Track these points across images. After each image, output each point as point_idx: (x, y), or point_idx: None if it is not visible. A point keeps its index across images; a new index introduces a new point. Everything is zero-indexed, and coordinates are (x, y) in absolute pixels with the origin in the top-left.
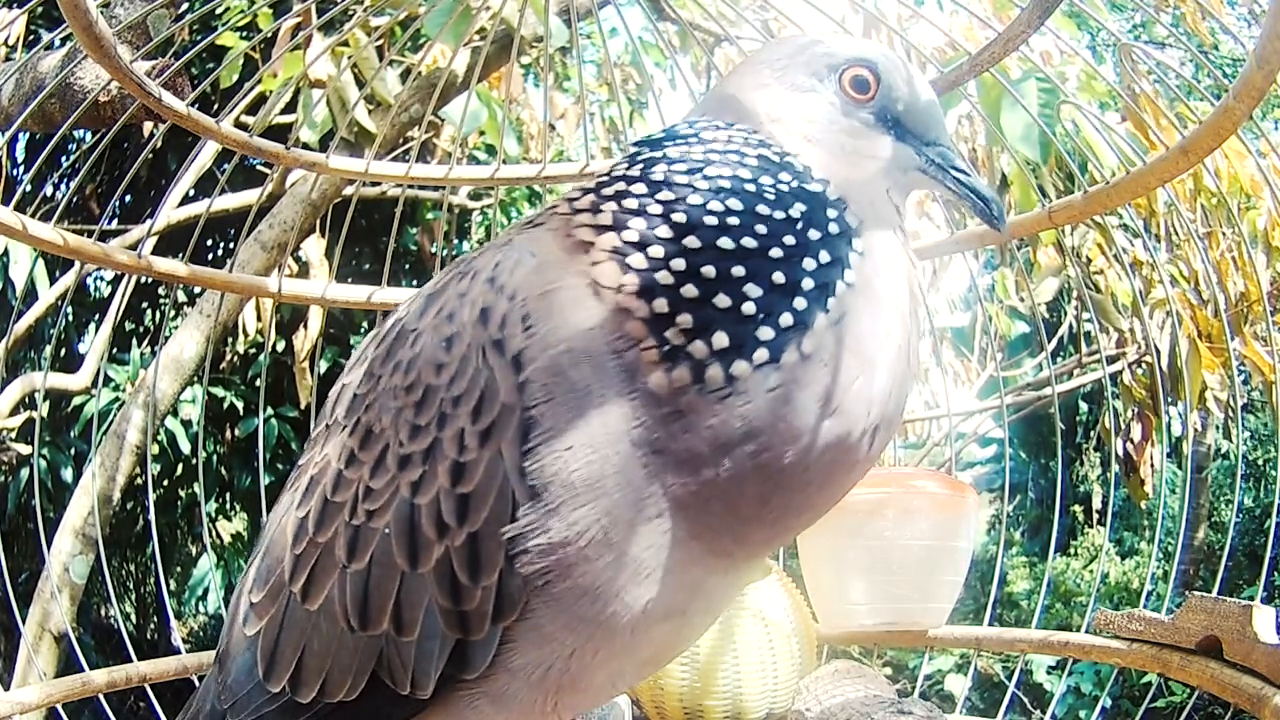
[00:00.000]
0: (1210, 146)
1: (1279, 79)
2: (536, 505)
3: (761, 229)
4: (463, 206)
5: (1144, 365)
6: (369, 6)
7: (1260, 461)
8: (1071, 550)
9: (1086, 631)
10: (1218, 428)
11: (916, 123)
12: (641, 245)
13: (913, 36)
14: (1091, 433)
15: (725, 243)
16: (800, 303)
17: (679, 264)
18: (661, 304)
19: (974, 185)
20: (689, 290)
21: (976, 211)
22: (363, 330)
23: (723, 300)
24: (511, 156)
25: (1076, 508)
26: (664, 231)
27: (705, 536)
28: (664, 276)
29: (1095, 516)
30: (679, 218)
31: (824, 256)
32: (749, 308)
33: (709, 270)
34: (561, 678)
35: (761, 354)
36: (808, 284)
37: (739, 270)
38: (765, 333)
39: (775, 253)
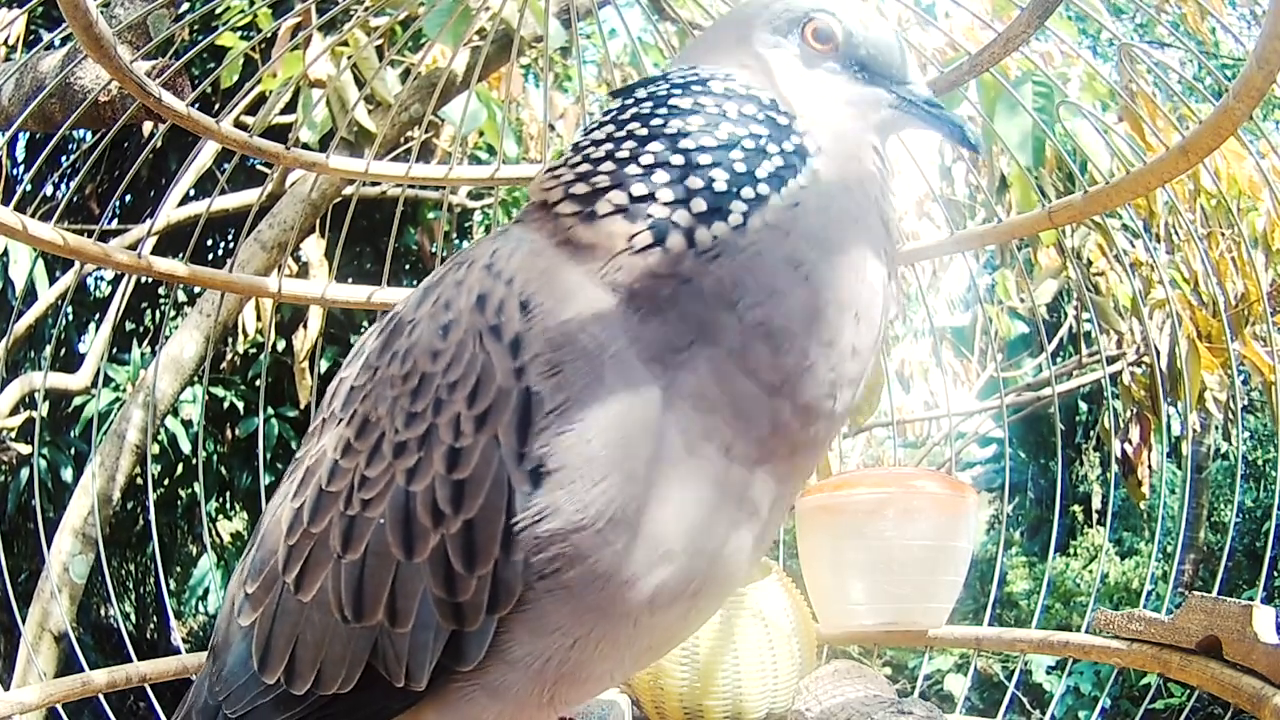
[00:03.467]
0: (1210, 146)
1: (1279, 79)
2: (548, 489)
3: (723, 134)
4: (463, 206)
5: (1144, 366)
6: (369, 7)
7: (1260, 462)
8: (1071, 550)
9: (1086, 631)
10: (1217, 428)
11: (883, 64)
12: (610, 156)
13: (912, 36)
14: (1091, 433)
15: (688, 143)
16: (762, 187)
17: (646, 159)
18: (639, 187)
19: (946, 116)
20: (660, 175)
21: (955, 139)
22: (363, 330)
23: (694, 181)
24: (511, 158)
25: (1076, 508)
26: (630, 145)
27: (739, 433)
28: (634, 170)
29: (1095, 516)
30: (643, 130)
31: (778, 160)
32: (719, 185)
33: (677, 159)
34: (561, 669)
35: (736, 218)
36: (763, 172)
37: (705, 158)
38: (737, 204)
39: (736, 153)
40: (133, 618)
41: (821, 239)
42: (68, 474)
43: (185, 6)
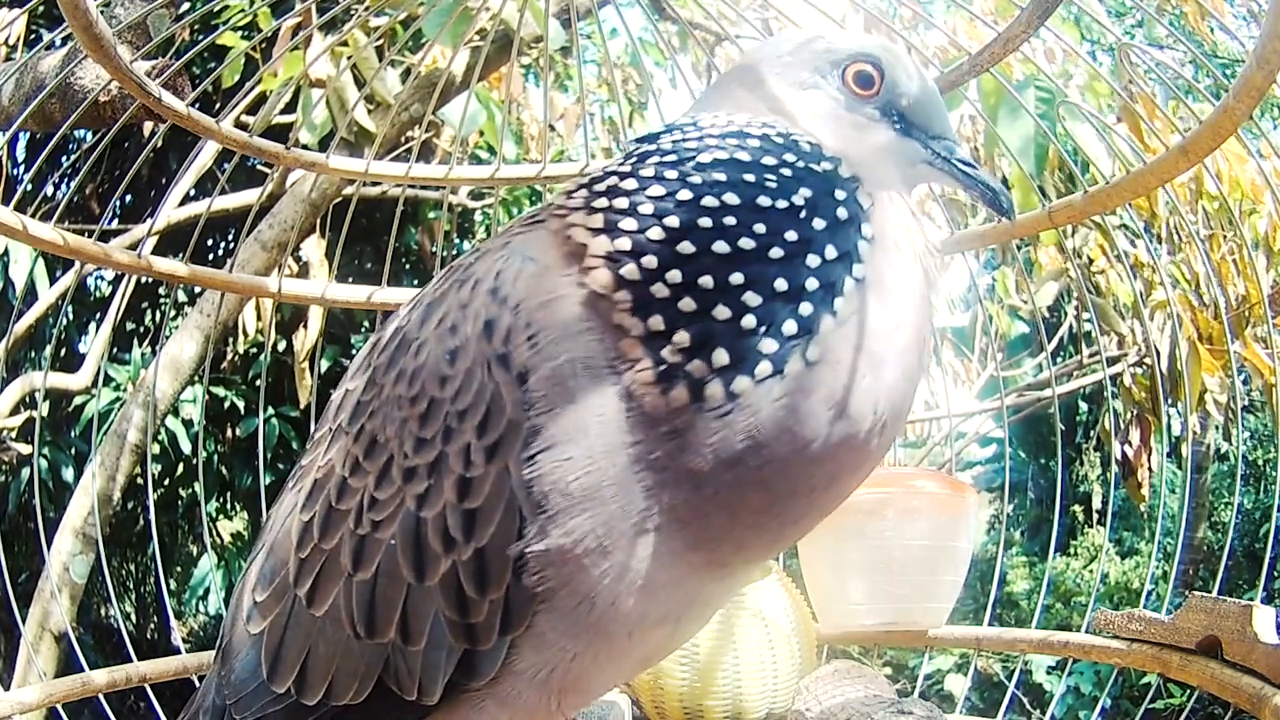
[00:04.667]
0: (1210, 146)
1: (1279, 79)
2: (540, 515)
3: (760, 227)
4: (463, 206)
5: (1144, 366)
6: (369, 7)
7: (1260, 462)
8: (1071, 550)
9: (1086, 631)
10: (1217, 429)
11: (921, 117)
12: (635, 254)
13: (913, 36)
14: (1091, 433)
15: (721, 247)
16: (805, 308)
17: (674, 276)
18: (657, 321)
19: (982, 178)
20: (686, 304)
21: (986, 202)
22: (363, 330)
23: (722, 312)
24: (510, 158)
25: (1076, 508)
26: (656, 234)
27: (705, 548)
28: (659, 290)
29: (1095, 516)
30: (671, 221)
31: (830, 252)
32: (749, 321)
33: (706, 280)
34: (564, 679)
35: (765, 367)
36: (812, 285)
37: (737, 278)
38: (768, 345)
39: (775, 253)
40: (133, 618)
41: (876, 350)
42: (68, 474)
43: (185, 6)
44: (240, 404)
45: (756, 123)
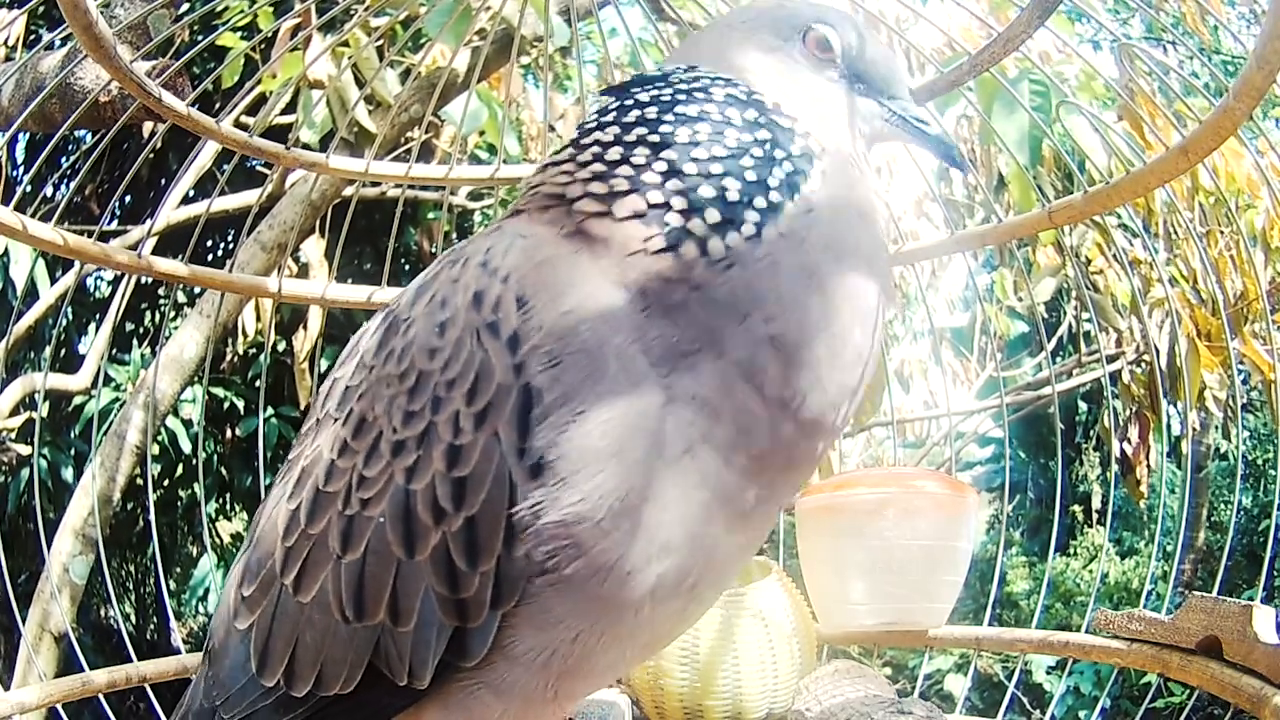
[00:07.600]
0: (1210, 146)
1: (1279, 79)
2: (546, 483)
3: (731, 141)
4: (463, 207)
5: (1143, 364)
6: (369, 7)
7: (1260, 461)
8: (1071, 550)
9: (1086, 631)
10: (1217, 427)
11: (877, 78)
12: (624, 160)
13: (912, 36)
14: (1091, 432)
15: (700, 153)
16: (774, 195)
17: (660, 166)
18: (655, 195)
19: (932, 131)
20: (674, 184)
21: (938, 154)
22: None
23: (707, 190)
24: (512, 156)
25: (1076, 507)
26: (642, 151)
27: (738, 445)
28: (650, 177)
29: (1095, 516)
30: (654, 138)
31: (788, 166)
32: (732, 194)
33: (690, 168)
34: (565, 662)
35: (749, 228)
36: (775, 180)
37: (717, 167)
38: (750, 214)
39: (746, 161)
40: (133, 618)
41: (834, 243)
42: (68, 474)
43: (185, 6)
44: (240, 404)
45: (721, 79)
